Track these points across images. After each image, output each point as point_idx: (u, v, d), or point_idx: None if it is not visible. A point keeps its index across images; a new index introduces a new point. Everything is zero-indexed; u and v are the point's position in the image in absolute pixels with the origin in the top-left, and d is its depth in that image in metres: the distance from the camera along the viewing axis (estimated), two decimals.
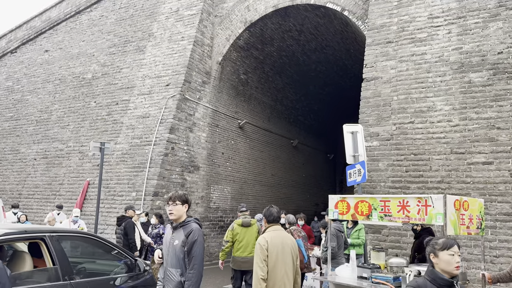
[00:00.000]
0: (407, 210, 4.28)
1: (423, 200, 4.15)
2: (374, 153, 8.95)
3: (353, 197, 5.02)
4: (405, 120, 8.79)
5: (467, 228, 4.23)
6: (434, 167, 8.27)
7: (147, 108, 11.88)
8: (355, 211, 4.90)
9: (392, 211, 4.43)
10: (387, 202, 4.53)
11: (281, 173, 17.12)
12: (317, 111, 19.55)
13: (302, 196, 18.90)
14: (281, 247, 3.76)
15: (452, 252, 2.47)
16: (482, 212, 4.63)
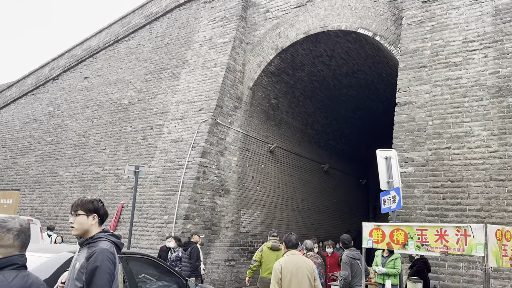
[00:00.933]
0: (446, 240, 4.13)
1: (462, 230, 4.00)
2: (409, 179, 8.72)
3: (388, 225, 4.90)
4: (441, 145, 8.56)
5: (510, 259, 4.04)
6: (472, 195, 7.95)
7: (180, 133, 12.15)
8: (390, 239, 4.77)
9: (430, 240, 4.28)
10: (424, 230, 4.38)
11: (311, 198, 16.91)
12: (349, 135, 19.36)
13: (333, 222, 18.52)
14: (295, 270, 4.18)
15: None
16: None
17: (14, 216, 2.22)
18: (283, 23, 12.85)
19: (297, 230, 14.66)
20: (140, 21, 15.75)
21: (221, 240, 11.73)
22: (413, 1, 10.09)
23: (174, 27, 14.66)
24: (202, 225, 11.10)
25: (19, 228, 2.13)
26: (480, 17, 9.05)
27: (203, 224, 11.15)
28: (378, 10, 11.14)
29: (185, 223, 10.68)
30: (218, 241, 11.60)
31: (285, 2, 12.94)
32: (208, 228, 11.28)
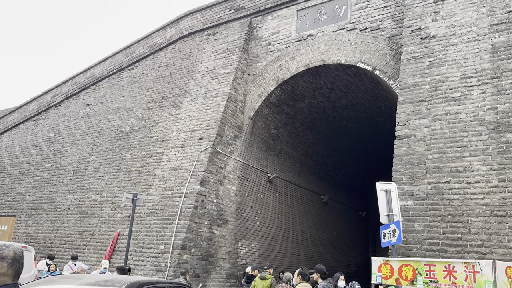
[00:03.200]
0: (454, 276, 4.02)
1: (470, 266, 3.89)
2: (409, 213, 8.65)
3: (397, 260, 4.80)
4: (440, 179, 8.54)
5: None
6: (473, 230, 7.86)
7: (180, 161, 12.15)
8: (399, 275, 4.64)
9: (438, 277, 4.17)
10: (432, 266, 4.29)
11: (310, 230, 16.70)
12: (348, 166, 19.34)
13: (333, 255, 18.21)
14: None
15: None
16: None
17: (9, 244, 2.18)
18: (284, 56, 13.11)
19: (295, 263, 14.41)
20: (144, 51, 16.07)
21: (217, 272, 11.49)
22: (412, 37, 10.34)
23: (178, 57, 14.95)
24: (198, 256, 10.90)
25: (13, 257, 2.09)
26: (478, 54, 9.25)
27: (200, 254, 10.95)
28: (377, 45, 11.40)
29: (182, 253, 10.50)
30: (214, 272, 11.36)
31: (286, 36, 13.26)
32: (204, 259, 11.07)
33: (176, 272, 10.10)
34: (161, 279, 7.30)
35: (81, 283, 4.77)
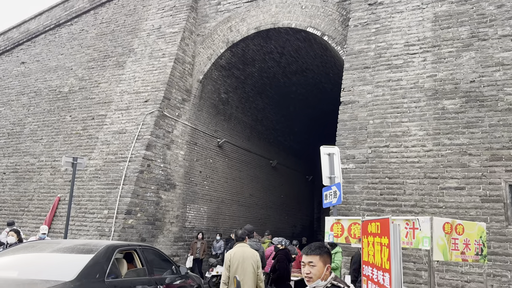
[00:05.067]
0: None
1: (410, 223, 3.97)
2: (350, 175, 8.99)
3: (347, 219, 4.92)
4: (380, 143, 8.89)
5: (461, 253, 3.98)
6: (408, 191, 8.34)
7: (124, 124, 11.69)
8: (348, 233, 4.77)
9: None
10: None
11: (259, 193, 17.01)
12: (297, 132, 19.67)
13: (280, 217, 18.77)
14: (241, 259, 5.18)
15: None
16: (484, 237, 4.28)
17: None
18: (235, 17, 12.74)
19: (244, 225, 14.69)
20: (84, 5, 14.95)
21: (165, 236, 11.46)
22: (360, 3, 10.38)
23: (121, 13, 14.06)
24: (145, 220, 10.77)
25: None
26: (421, 22, 9.49)
27: (146, 219, 10.82)
28: (327, 10, 11.35)
29: (127, 218, 10.31)
30: (161, 236, 11.32)
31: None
32: (151, 224, 10.96)
33: (121, 237, 9.95)
34: (131, 242, 8.07)
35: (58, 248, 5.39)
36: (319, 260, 2.51)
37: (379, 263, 2.57)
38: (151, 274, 5.87)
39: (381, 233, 2.54)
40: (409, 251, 7.80)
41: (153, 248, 6.98)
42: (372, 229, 2.78)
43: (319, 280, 2.49)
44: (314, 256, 2.53)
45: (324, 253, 2.56)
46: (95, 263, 4.88)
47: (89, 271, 4.73)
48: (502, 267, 7.14)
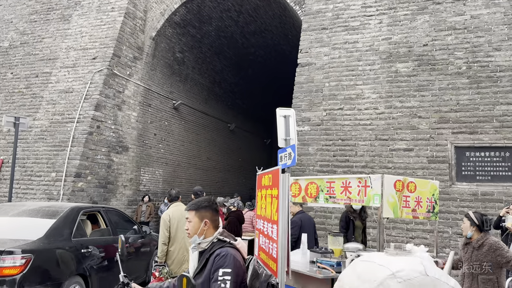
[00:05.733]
0: (349, 191, 4.14)
1: (363, 181, 3.99)
2: (305, 137, 9.04)
3: (304, 179, 4.89)
4: (335, 106, 8.94)
5: (412, 211, 4.02)
6: (359, 153, 8.53)
7: (71, 83, 11.01)
8: (305, 193, 4.76)
9: (336, 192, 4.29)
10: (332, 183, 4.39)
11: (217, 157, 16.91)
12: (256, 96, 19.50)
13: (237, 180, 18.88)
14: (180, 217, 5.22)
15: None
16: (436, 195, 4.35)
17: None
18: None
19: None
20: None
21: (118, 199, 11.18)
22: None
23: None
24: (96, 183, 10.41)
25: None
26: None
27: (97, 182, 10.46)
28: None
29: (76, 181, 9.90)
30: (114, 199, 11.04)
31: None
32: (103, 187, 10.62)
33: (71, 201, 9.58)
34: (94, 204, 8.38)
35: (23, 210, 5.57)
36: (194, 216, 2.40)
37: (269, 216, 2.50)
38: (114, 234, 6.20)
39: (272, 184, 2.44)
40: None
41: (116, 210, 7.36)
42: (265, 181, 2.68)
43: (197, 236, 2.37)
44: (190, 211, 2.43)
45: (201, 208, 2.41)
46: (61, 223, 5.20)
47: (56, 231, 5.06)
48: (444, 224, 7.56)
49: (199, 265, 2.36)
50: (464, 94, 7.91)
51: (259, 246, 2.88)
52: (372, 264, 2.50)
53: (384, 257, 2.57)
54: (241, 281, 2.24)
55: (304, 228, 5.98)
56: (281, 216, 2.19)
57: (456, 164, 7.78)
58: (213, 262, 2.23)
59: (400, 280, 2.26)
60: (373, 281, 2.35)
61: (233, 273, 2.16)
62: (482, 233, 4.08)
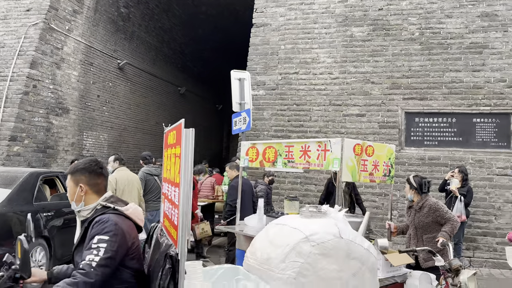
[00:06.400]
0: (308, 156, 4.03)
1: (322, 145, 3.89)
2: (260, 102, 8.84)
3: (262, 143, 4.72)
4: (290, 70, 8.77)
5: (370, 175, 4.03)
6: (313, 118, 8.51)
7: (1, 37, 9.85)
8: (263, 157, 4.61)
9: (295, 157, 4.18)
10: (291, 147, 4.26)
11: (166, 122, 16.13)
12: (208, 58, 18.82)
13: None
14: (127, 182, 5.59)
15: None
16: (392, 159, 4.37)
17: None
18: None
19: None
20: None
21: (59, 164, 10.44)
22: None
23: None
24: (34, 148, 9.60)
25: None
26: None
27: (36, 146, 9.66)
28: None
29: (11, 145, 9.06)
30: (55, 165, 10.30)
31: None
32: (42, 151, 9.84)
33: (6, 166, 8.78)
34: (53, 170, 8.28)
35: None
36: (69, 180, 2.13)
37: (172, 178, 2.23)
38: None
39: (176, 142, 2.13)
40: (312, 174, 8.13)
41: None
42: (171, 139, 2.39)
43: (74, 202, 2.11)
44: (67, 175, 2.17)
45: (75, 172, 2.13)
46: (22, 188, 5.30)
47: (17, 196, 5.18)
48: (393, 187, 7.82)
49: (79, 235, 2.08)
50: (416, 60, 8.04)
51: (164, 212, 2.62)
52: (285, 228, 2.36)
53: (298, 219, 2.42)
54: (126, 251, 1.97)
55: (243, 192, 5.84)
56: (183, 177, 1.86)
57: (406, 129, 8.00)
58: (91, 230, 1.95)
59: (313, 243, 2.12)
60: (285, 246, 2.16)
61: (112, 241, 1.88)
62: (421, 196, 4.22)
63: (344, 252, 2.23)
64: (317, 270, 2.13)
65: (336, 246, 2.23)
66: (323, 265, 2.15)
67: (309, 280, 2.11)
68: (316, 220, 2.44)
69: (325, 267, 2.15)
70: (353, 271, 2.23)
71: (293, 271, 2.10)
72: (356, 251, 2.27)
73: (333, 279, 2.16)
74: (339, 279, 2.18)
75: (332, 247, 2.21)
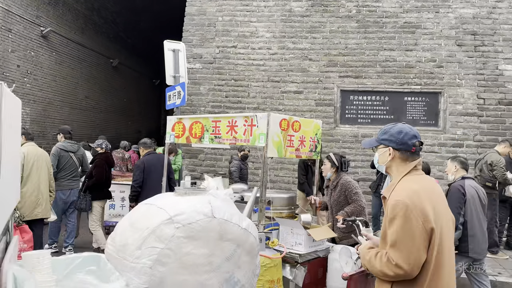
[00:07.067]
0: (235, 131, 3.91)
1: (249, 120, 3.76)
2: (197, 75, 8.47)
3: (189, 118, 4.47)
4: (228, 43, 8.45)
5: (296, 150, 3.99)
6: (252, 94, 8.32)
7: None
8: (189, 133, 4.38)
9: (222, 132, 4.03)
10: (218, 122, 4.10)
11: (97, 96, 15.27)
12: (143, 30, 17.78)
13: (122, 122, 17.55)
14: (36, 157, 5.26)
15: None
16: (319, 134, 4.34)
17: None
18: None
19: (78, 130, 13.17)
20: None
21: None
22: None
23: None
24: None
25: None
26: None
27: None
28: None
29: None
30: None
31: None
32: None
33: None
34: None
35: None
36: None
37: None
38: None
39: None
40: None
41: None
42: None
43: None
44: None
45: None
46: None
47: None
48: None
49: None
50: (353, 38, 8.08)
51: None
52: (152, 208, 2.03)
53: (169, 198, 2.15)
54: None
55: (150, 171, 5.64)
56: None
57: (341, 107, 8.09)
58: None
59: (178, 225, 1.85)
60: (145, 229, 1.87)
61: None
62: (337, 174, 4.25)
63: (217, 234, 1.97)
64: (181, 256, 1.86)
65: (206, 227, 1.94)
66: (189, 249, 1.88)
67: (169, 268, 1.83)
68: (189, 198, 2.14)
69: (192, 252, 1.88)
70: (227, 255, 1.99)
71: (150, 258, 1.81)
72: (231, 232, 2.01)
73: (200, 265, 1.90)
74: (208, 264, 1.93)
75: (201, 229, 1.92)
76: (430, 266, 1.85)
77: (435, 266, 1.86)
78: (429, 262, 1.85)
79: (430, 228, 1.84)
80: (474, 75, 7.67)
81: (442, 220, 1.93)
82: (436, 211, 1.90)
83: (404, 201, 1.86)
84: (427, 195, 1.92)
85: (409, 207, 1.84)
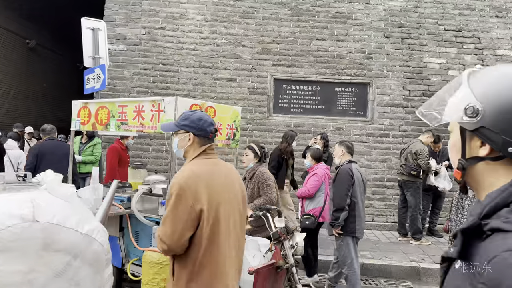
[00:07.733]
0: (142, 117, 3.61)
1: (156, 104, 3.51)
2: (120, 58, 7.81)
3: (95, 103, 4.10)
4: (156, 24, 7.88)
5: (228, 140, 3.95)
6: (182, 80, 7.87)
7: None
8: (95, 119, 3.99)
9: (128, 118, 3.71)
10: (124, 107, 3.76)
11: (12, 81, 13.76)
12: (65, 9, 16.27)
13: (42, 109, 16.05)
14: None
15: None
16: (238, 121, 4.18)
17: None
18: None
19: None
20: None
21: None
22: None
23: None
24: None
25: None
26: None
27: None
28: None
29: None
30: None
31: None
32: None
33: None
34: None
35: None
36: None
37: None
38: None
39: None
40: None
41: None
42: None
43: None
44: None
45: None
46: None
47: None
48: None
49: None
50: (286, 26, 7.92)
51: None
52: None
53: None
54: None
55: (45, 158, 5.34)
56: None
57: (274, 96, 7.92)
58: None
59: None
60: None
61: None
62: (256, 164, 4.14)
63: (40, 243, 1.54)
64: None
65: (23, 236, 1.51)
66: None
67: None
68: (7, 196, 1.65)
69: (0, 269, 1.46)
70: (57, 270, 1.58)
71: None
72: (63, 239, 1.60)
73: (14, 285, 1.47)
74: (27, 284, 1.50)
75: (15, 238, 1.50)
76: (201, 244, 1.95)
77: (208, 244, 1.96)
78: (200, 240, 1.95)
79: (200, 209, 1.94)
80: (401, 67, 7.89)
81: (220, 202, 2.01)
82: (212, 192, 2.00)
83: (179, 182, 1.97)
84: (205, 177, 2.02)
85: (181, 187, 1.95)
